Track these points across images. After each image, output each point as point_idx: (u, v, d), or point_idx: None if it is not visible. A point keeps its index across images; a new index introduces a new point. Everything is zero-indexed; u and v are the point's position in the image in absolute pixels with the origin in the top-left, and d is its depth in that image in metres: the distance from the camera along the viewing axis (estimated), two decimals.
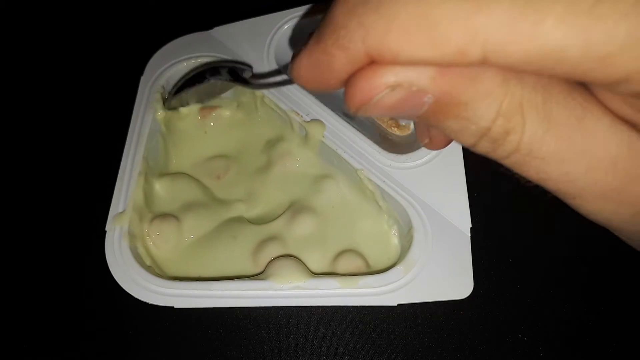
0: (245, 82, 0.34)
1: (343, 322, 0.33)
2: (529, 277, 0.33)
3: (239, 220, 0.35)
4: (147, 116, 0.35)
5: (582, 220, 0.34)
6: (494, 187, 0.36)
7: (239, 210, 0.36)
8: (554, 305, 0.33)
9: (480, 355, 0.32)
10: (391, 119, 0.41)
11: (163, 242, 0.33)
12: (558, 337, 0.32)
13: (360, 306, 0.30)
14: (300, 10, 0.37)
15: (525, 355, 0.31)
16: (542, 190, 0.17)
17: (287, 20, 0.37)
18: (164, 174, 0.37)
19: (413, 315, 0.33)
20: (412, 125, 0.41)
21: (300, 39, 0.38)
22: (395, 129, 0.41)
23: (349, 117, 0.36)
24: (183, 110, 0.38)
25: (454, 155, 0.32)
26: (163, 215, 0.34)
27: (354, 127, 0.34)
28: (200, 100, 0.38)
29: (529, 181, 0.17)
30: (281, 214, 0.35)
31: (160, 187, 0.35)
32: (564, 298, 0.33)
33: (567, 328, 0.32)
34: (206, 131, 0.41)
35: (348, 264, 0.33)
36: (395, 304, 0.29)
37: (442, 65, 0.13)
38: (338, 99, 0.41)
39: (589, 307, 0.32)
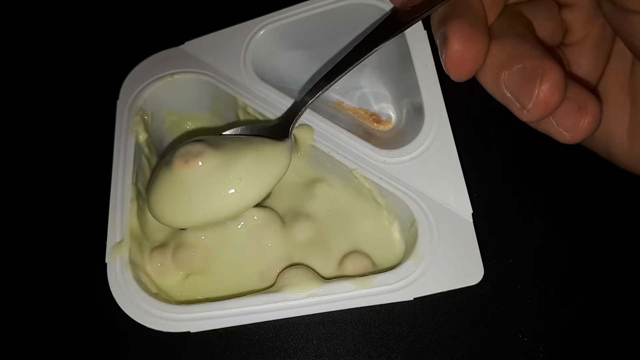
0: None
1: (343, 322, 0.34)
2: (529, 277, 0.34)
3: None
4: (129, 141, 0.34)
5: (583, 220, 0.35)
6: (492, 189, 0.36)
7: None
8: (554, 305, 0.33)
9: (481, 355, 0.32)
10: (372, 115, 0.42)
11: (165, 272, 0.32)
12: (558, 337, 0.32)
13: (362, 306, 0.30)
14: (274, 16, 0.37)
15: (525, 355, 0.32)
16: None
17: (261, 27, 0.37)
18: None
19: (413, 315, 0.33)
20: (393, 120, 0.41)
21: (281, 43, 0.38)
22: (377, 124, 0.41)
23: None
24: None
25: (447, 145, 0.32)
26: (161, 246, 0.33)
27: (343, 128, 0.34)
28: None
29: None
30: None
31: None
32: (564, 298, 0.33)
33: (567, 328, 0.33)
34: None
35: (356, 265, 0.32)
36: (412, 298, 0.29)
37: None
38: (321, 101, 0.41)
39: (589, 307, 0.33)
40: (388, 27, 0.30)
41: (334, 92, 0.42)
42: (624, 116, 0.25)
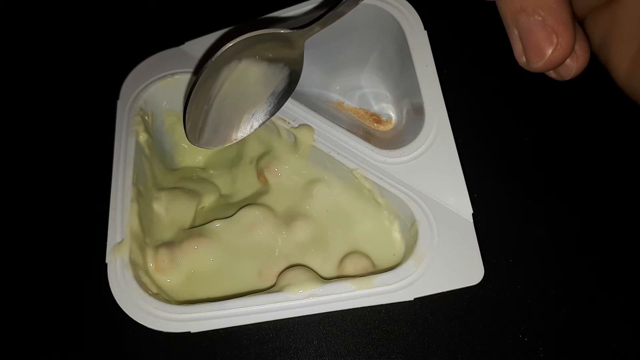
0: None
1: (343, 322, 0.33)
2: (529, 277, 0.34)
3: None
4: (130, 141, 0.34)
5: (583, 220, 0.35)
6: (492, 189, 0.36)
7: None
8: (554, 305, 0.33)
9: (481, 355, 0.32)
10: (372, 115, 0.42)
11: (171, 269, 0.32)
12: (558, 337, 0.32)
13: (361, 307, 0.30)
14: (275, 16, 0.37)
15: (525, 355, 0.32)
16: None
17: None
18: (159, 191, 0.36)
19: (413, 315, 0.33)
20: (393, 120, 0.41)
21: None
22: (377, 124, 0.41)
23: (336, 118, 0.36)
24: None
25: (447, 144, 0.32)
26: (168, 243, 0.34)
27: (343, 128, 0.34)
28: None
29: None
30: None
31: (158, 206, 0.35)
32: (564, 298, 0.33)
33: (567, 328, 0.32)
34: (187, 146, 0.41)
35: (355, 265, 0.33)
36: (412, 298, 0.29)
37: None
38: (321, 101, 0.41)
39: (589, 307, 0.33)
40: None
41: (334, 92, 0.42)
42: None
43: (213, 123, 0.31)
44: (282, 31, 0.29)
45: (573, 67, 0.23)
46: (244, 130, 0.32)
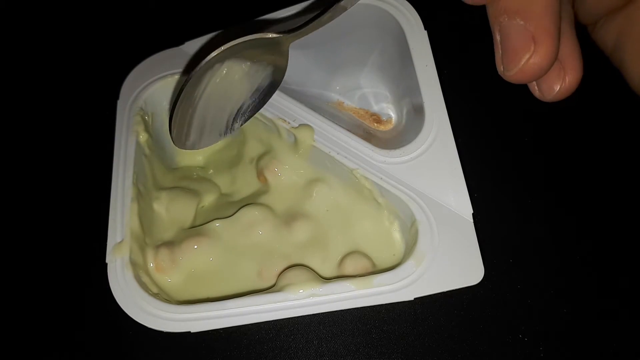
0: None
1: (343, 322, 0.34)
2: (529, 277, 0.34)
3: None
4: (130, 141, 0.34)
5: (583, 220, 0.35)
6: (492, 189, 0.36)
7: None
8: (554, 305, 0.33)
9: (481, 355, 0.32)
10: (372, 115, 0.42)
11: (171, 269, 0.33)
12: (558, 337, 0.32)
13: (361, 306, 0.30)
14: (273, 17, 0.37)
15: (525, 355, 0.32)
16: None
17: (261, 27, 0.37)
18: (159, 191, 0.36)
19: (413, 315, 0.33)
20: (393, 120, 0.41)
21: None
22: (377, 124, 0.41)
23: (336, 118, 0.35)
24: None
25: (447, 144, 0.32)
26: (169, 243, 0.34)
27: (343, 128, 0.34)
28: None
29: None
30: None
31: (158, 206, 0.35)
32: (564, 298, 0.33)
33: (567, 328, 0.32)
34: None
35: (355, 265, 0.33)
36: (412, 298, 0.29)
37: None
38: (322, 101, 0.41)
39: (589, 307, 0.33)
40: None
41: (334, 92, 0.42)
42: None
43: (198, 125, 0.32)
44: (268, 36, 0.29)
45: (557, 85, 0.22)
46: (229, 128, 0.34)
